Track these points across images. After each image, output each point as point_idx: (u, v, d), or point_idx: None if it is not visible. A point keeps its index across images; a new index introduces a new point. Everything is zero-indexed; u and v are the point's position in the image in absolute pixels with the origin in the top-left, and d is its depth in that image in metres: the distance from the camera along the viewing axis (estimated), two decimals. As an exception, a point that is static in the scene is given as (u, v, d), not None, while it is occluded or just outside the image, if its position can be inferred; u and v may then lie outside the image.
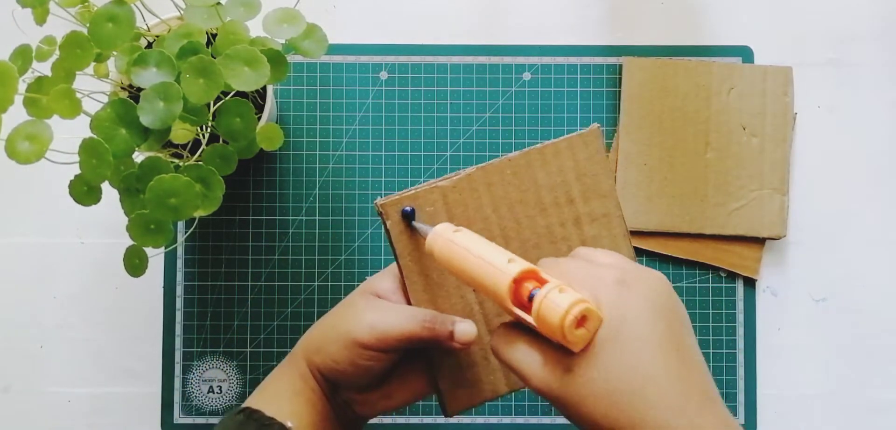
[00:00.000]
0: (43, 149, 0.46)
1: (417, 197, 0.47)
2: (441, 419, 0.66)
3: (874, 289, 0.68)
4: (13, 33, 0.51)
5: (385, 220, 0.47)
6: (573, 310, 0.34)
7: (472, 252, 0.40)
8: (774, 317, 0.67)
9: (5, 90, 0.45)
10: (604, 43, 0.68)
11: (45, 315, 0.66)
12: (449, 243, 0.42)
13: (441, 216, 0.47)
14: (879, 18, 0.69)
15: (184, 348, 0.66)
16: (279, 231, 0.67)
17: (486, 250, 0.40)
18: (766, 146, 0.67)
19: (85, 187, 0.49)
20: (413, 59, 0.68)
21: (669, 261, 0.67)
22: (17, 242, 0.67)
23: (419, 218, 0.47)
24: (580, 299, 0.35)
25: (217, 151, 0.52)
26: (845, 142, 0.68)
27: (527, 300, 0.37)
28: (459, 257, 0.41)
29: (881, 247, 0.68)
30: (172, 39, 0.50)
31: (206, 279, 0.66)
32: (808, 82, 0.68)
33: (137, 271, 0.52)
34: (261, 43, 0.51)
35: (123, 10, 0.48)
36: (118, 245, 0.51)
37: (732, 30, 0.69)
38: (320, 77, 0.67)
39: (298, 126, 0.67)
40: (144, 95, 0.47)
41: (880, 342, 0.67)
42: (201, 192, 0.49)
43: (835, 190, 0.68)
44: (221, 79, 0.47)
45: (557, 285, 0.36)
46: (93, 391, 0.66)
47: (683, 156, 0.66)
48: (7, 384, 0.66)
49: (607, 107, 0.68)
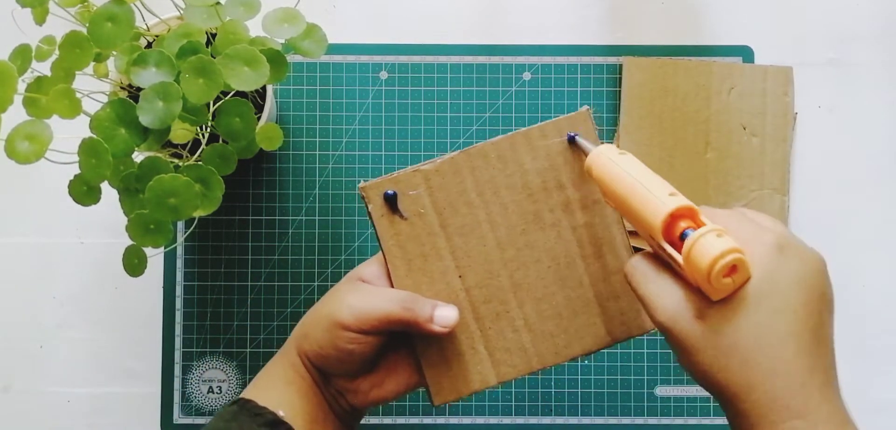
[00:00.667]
0: (42, 149, 0.46)
1: (399, 180, 0.47)
2: (441, 419, 0.66)
3: (874, 289, 0.68)
4: (13, 33, 0.51)
5: (367, 203, 0.47)
6: (727, 257, 0.34)
7: (632, 175, 0.40)
8: (775, 317, 0.67)
9: (5, 90, 0.45)
10: (604, 43, 0.68)
11: (45, 315, 0.66)
12: (610, 161, 0.41)
13: (424, 200, 0.47)
14: (879, 18, 0.69)
15: (183, 348, 0.66)
16: (279, 231, 0.67)
17: (648, 178, 0.39)
18: (766, 146, 0.67)
19: (84, 187, 0.49)
20: (413, 58, 0.68)
21: (669, 261, 0.67)
22: (17, 241, 0.67)
23: (401, 202, 0.47)
24: (736, 248, 0.34)
25: (217, 150, 0.52)
26: (846, 142, 0.68)
27: (678, 238, 0.36)
28: (618, 179, 0.40)
29: (881, 247, 0.68)
30: (172, 39, 0.50)
31: (205, 279, 0.66)
32: (808, 82, 0.68)
33: (137, 271, 0.51)
34: (260, 43, 0.51)
35: (123, 10, 0.48)
36: (118, 245, 0.51)
37: (733, 30, 0.69)
38: (320, 77, 0.67)
39: (298, 126, 0.67)
40: (144, 95, 0.47)
41: (881, 343, 0.67)
42: (201, 192, 0.49)
43: (835, 190, 0.68)
44: (221, 79, 0.47)
45: (715, 230, 0.35)
46: (92, 391, 0.66)
47: (684, 156, 0.66)
48: (6, 384, 0.66)
49: (607, 107, 0.68)
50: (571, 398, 0.66)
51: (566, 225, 0.48)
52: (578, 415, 0.66)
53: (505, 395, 0.66)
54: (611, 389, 0.66)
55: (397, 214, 0.47)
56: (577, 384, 0.66)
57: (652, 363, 0.66)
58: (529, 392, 0.66)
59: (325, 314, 0.46)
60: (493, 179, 0.48)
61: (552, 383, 0.66)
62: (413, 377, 0.49)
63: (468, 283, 0.48)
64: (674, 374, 0.66)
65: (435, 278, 0.48)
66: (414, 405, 0.66)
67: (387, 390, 0.49)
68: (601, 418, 0.66)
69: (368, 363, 0.48)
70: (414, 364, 0.49)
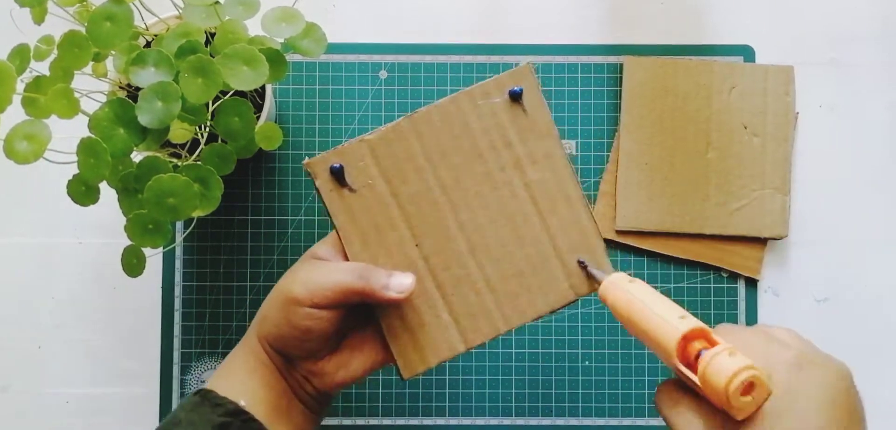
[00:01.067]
0: (41, 149, 0.46)
1: (344, 152, 0.46)
2: (441, 420, 0.66)
3: (876, 289, 0.68)
4: (11, 33, 0.51)
5: (314, 179, 0.46)
6: (741, 375, 0.34)
7: (644, 304, 0.40)
8: (776, 317, 0.67)
9: (3, 90, 0.45)
10: (604, 42, 0.68)
11: (43, 315, 0.66)
12: (624, 293, 0.42)
13: (371, 171, 0.47)
14: (880, 19, 0.69)
15: (182, 348, 0.66)
16: (278, 231, 0.66)
17: (659, 304, 0.40)
18: (767, 146, 0.66)
19: (83, 187, 0.49)
20: (413, 58, 0.67)
21: (670, 261, 0.67)
22: (15, 242, 0.67)
23: (349, 175, 0.46)
24: (749, 365, 0.34)
25: (216, 150, 0.52)
26: (847, 141, 0.68)
27: (693, 359, 0.37)
28: (632, 308, 0.41)
29: (883, 247, 0.68)
30: (171, 39, 0.50)
31: (204, 279, 0.66)
32: (809, 82, 0.68)
33: (135, 271, 0.51)
34: (260, 42, 0.50)
35: (122, 10, 0.48)
36: (116, 245, 0.51)
37: (733, 29, 0.69)
38: (319, 76, 0.67)
39: (297, 125, 0.67)
40: (143, 95, 0.47)
41: (882, 343, 0.67)
42: (200, 191, 0.49)
43: (837, 190, 0.68)
44: (220, 78, 0.47)
45: (728, 349, 0.36)
46: (91, 392, 0.66)
47: (684, 155, 0.66)
48: (5, 385, 0.66)
49: (608, 106, 0.67)
50: (571, 399, 0.66)
51: (518, 182, 0.48)
52: (578, 416, 0.66)
53: (505, 396, 0.66)
54: (611, 389, 0.66)
55: (346, 187, 0.46)
56: (578, 385, 0.66)
57: (652, 363, 0.66)
58: (529, 393, 0.66)
59: (280, 293, 0.46)
60: (440, 142, 0.47)
61: (552, 383, 0.66)
62: (380, 354, 0.48)
63: (426, 251, 0.47)
64: (674, 374, 0.66)
65: (392, 250, 0.47)
66: (413, 404, 0.66)
67: (353, 369, 0.48)
68: (601, 418, 0.66)
69: (330, 342, 0.47)
70: (379, 341, 0.48)
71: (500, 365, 0.66)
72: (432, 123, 0.47)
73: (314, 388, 0.48)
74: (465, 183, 0.47)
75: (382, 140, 0.47)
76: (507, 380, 0.66)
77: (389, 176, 0.47)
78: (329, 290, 0.44)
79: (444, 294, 0.48)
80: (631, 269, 0.67)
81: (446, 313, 0.48)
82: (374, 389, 0.66)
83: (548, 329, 0.66)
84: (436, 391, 0.66)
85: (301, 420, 0.48)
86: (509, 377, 0.66)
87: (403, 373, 0.48)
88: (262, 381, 0.47)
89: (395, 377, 0.61)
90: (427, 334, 0.47)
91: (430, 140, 0.47)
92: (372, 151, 0.47)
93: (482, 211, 0.48)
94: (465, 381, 0.66)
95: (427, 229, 0.47)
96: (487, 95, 0.47)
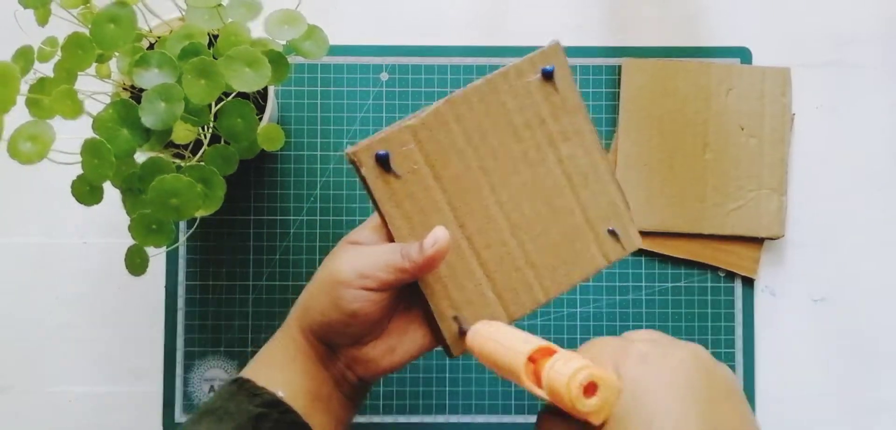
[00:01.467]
0: (45, 149, 0.46)
1: (389, 139, 0.46)
2: (441, 418, 0.66)
3: (873, 289, 0.68)
4: (15, 34, 0.51)
5: (359, 168, 0.46)
6: (578, 376, 0.34)
7: (496, 340, 0.41)
8: (773, 317, 0.68)
9: (7, 91, 0.45)
10: (603, 44, 0.69)
11: (47, 315, 0.67)
12: (480, 337, 0.43)
13: (415, 156, 0.47)
14: (878, 20, 0.69)
15: (185, 347, 0.66)
16: (280, 231, 0.67)
17: (508, 337, 0.40)
18: (764, 147, 0.67)
19: (87, 187, 0.49)
20: (413, 60, 0.68)
21: (668, 261, 0.67)
22: (19, 242, 0.67)
23: (393, 161, 0.46)
24: (585, 365, 0.34)
25: (218, 151, 0.52)
26: (843, 142, 0.69)
27: None
28: (486, 348, 0.42)
29: (880, 247, 0.68)
30: (174, 40, 0.50)
31: (207, 279, 0.67)
32: (806, 83, 0.68)
33: (139, 270, 0.52)
34: (262, 44, 0.51)
35: (125, 12, 0.48)
36: (120, 245, 0.51)
37: (731, 31, 0.69)
38: (321, 78, 0.68)
39: (299, 127, 0.67)
40: (146, 96, 0.47)
41: (879, 343, 0.68)
42: (203, 192, 0.49)
43: (833, 190, 0.68)
44: (223, 80, 0.48)
45: (563, 357, 0.36)
46: (94, 391, 0.66)
47: (682, 156, 0.67)
48: (8, 384, 0.66)
49: (607, 108, 0.68)
50: (571, 398, 0.66)
51: (552, 159, 0.49)
52: (578, 414, 0.66)
53: (505, 394, 0.66)
54: (610, 388, 0.66)
55: (391, 173, 0.46)
56: (577, 384, 0.66)
57: (651, 363, 0.67)
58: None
59: (325, 279, 0.45)
60: (479, 124, 0.48)
61: (551, 382, 0.66)
62: (426, 338, 0.48)
63: (469, 231, 0.48)
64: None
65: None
66: (414, 402, 0.66)
67: (399, 355, 0.47)
68: (600, 417, 0.66)
69: (375, 327, 0.46)
70: (424, 325, 0.48)
71: (499, 364, 0.66)
72: (471, 106, 0.48)
73: (356, 376, 0.48)
74: (503, 162, 0.48)
75: (424, 125, 0.47)
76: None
77: (432, 160, 0.47)
78: (377, 272, 0.44)
79: (488, 272, 0.48)
80: (629, 268, 0.67)
81: (490, 290, 0.48)
82: (374, 387, 0.66)
83: (547, 329, 0.67)
84: (436, 389, 0.66)
85: (340, 411, 0.48)
86: (509, 376, 0.66)
87: (453, 351, 0.48)
88: (303, 370, 0.47)
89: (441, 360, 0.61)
90: (473, 312, 0.48)
91: (469, 123, 0.48)
92: (415, 136, 0.47)
93: (520, 189, 0.49)
94: (465, 380, 0.67)
95: (469, 209, 0.48)
96: (521, 74, 0.48)
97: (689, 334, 0.67)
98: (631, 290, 0.67)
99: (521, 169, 0.49)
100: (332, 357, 0.48)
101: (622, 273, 0.67)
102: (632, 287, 0.67)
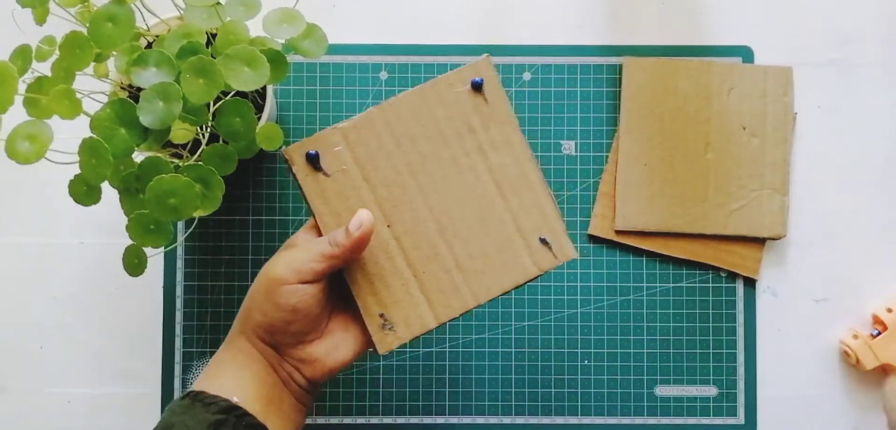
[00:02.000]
0: (43, 149, 0.46)
1: (320, 140, 0.50)
2: (441, 419, 0.66)
3: (874, 290, 0.68)
4: (13, 33, 0.51)
5: (291, 165, 0.49)
6: None
7: None
8: (774, 317, 0.67)
9: (5, 90, 0.45)
10: (604, 43, 0.68)
11: (45, 315, 0.66)
12: None
13: (345, 157, 0.50)
14: (880, 19, 0.69)
15: (183, 348, 0.66)
16: (279, 231, 0.67)
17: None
18: (766, 146, 0.67)
19: (84, 187, 0.49)
20: (413, 59, 0.68)
21: (670, 261, 0.67)
22: (17, 242, 0.67)
23: (323, 160, 0.49)
24: None
25: (217, 150, 0.52)
26: (845, 142, 0.68)
27: None
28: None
29: (881, 247, 0.68)
30: (172, 39, 0.50)
31: (205, 279, 0.66)
32: (808, 82, 0.68)
33: (137, 270, 0.51)
34: (260, 43, 0.51)
35: (123, 10, 0.48)
36: (118, 245, 0.51)
37: (733, 30, 0.69)
38: (320, 77, 0.67)
39: (298, 126, 0.67)
40: (144, 95, 0.47)
41: (880, 343, 0.67)
42: (201, 192, 0.49)
43: (835, 190, 0.68)
44: (221, 79, 0.47)
45: None
46: (92, 392, 0.66)
47: (684, 156, 0.66)
48: (6, 385, 0.66)
49: (607, 107, 0.68)
50: (571, 398, 0.66)
51: (482, 167, 0.50)
52: (578, 415, 0.66)
53: (505, 395, 0.66)
54: (611, 389, 0.66)
55: (321, 172, 0.49)
56: (577, 384, 0.66)
57: (652, 363, 0.66)
58: (529, 392, 0.66)
59: (264, 282, 0.47)
60: (409, 129, 0.50)
61: (552, 383, 0.66)
62: (366, 336, 0.50)
63: (397, 232, 0.50)
64: (673, 374, 0.66)
65: None
66: (414, 403, 0.66)
67: (342, 353, 0.49)
68: (601, 418, 0.66)
69: (316, 323, 0.48)
70: (363, 324, 0.50)
71: (499, 364, 0.66)
72: (401, 112, 0.50)
73: (304, 378, 0.49)
74: (432, 167, 0.50)
75: (355, 128, 0.50)
76: (506, 379, 0.66)
77: (362, 161, 0.50)
78: (312, 261, 0.46)
79: (416, 273, 0.50)
80: (630, 269, 0.67)
81: (418, 289, 0.50)
82: (374, 388, 0.66)
83: (547, 329, 0.66)
84: (436, 390, 0.66)
85: (292, 413, 0.49)
86: (509, 376, 0.66)
87: (379, 348, 0.50)
88: (253, 376, 0.48)
89: (369, 359, 0.61)
90: (400, 311, 0.50)
91: (399, 128, 0.50)
92: (345, 138, 0.50)
93: (449, 194, 0.50)
94: (465, 380, 0.66)
95: (398, 210, 0.50)
96: (452, 85, 0.50)
97: (691, 334, 0.67)
98: (632, 290, 0.67)
99: (450, 175, 0.50)
100: (279, 361, 0.49)
101: (623, 274, 0.67)
102: (633, 288, 0.67)
